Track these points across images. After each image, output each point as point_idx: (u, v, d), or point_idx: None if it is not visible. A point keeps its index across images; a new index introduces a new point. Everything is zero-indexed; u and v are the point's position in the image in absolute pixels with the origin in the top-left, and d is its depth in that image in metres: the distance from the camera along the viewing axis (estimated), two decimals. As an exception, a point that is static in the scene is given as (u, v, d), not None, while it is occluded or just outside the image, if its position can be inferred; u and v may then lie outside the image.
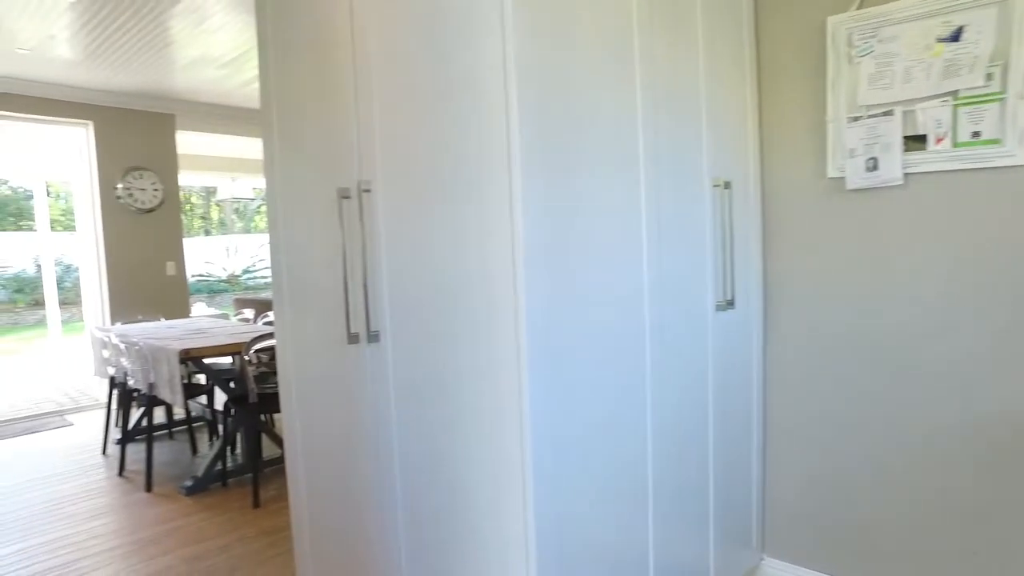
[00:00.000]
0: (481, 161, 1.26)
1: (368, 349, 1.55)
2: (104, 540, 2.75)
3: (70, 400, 5.66)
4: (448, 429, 1.40)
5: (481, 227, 1.28)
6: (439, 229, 1.36)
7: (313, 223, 1.69)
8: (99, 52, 4.11)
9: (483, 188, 1.27)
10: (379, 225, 1.49)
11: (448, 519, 1.45)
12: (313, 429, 1.82)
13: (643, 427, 1.56)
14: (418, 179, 1.39)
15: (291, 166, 1.76)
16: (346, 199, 1.51)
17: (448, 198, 1.34)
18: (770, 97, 1.95)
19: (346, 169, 1.55)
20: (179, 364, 3.07)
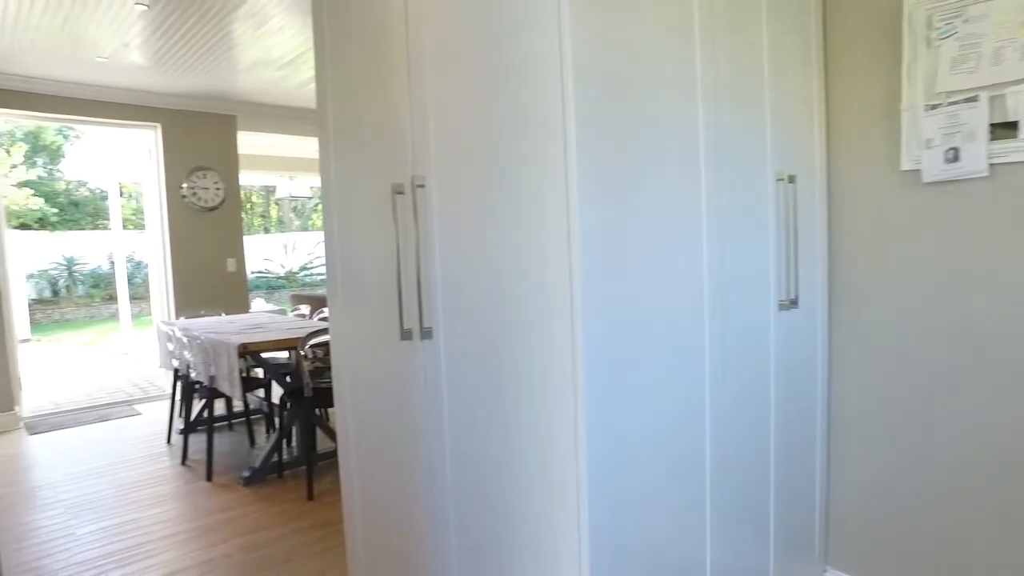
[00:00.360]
0: (536, 155, 1.24)
1: (421, 346, 1.54)
2: (168, 525, 2.85)
3: (139, 390, 5.92)
4: (500, 428, 1.38)
5: (536, 222, 1.25)
6: (493, 224, 1.34)
7: (367, 219, 1.70)
8: (167, 57, 4.27)
9: (538, 182, 1.24)
10: (433, 221, 1.48)
11: (499, 519, 1.42)
12: (366, 425, 1.83)
13: (701, 429, 1.50)
14: (472, 174, 1.37)
15: (346, 163, 1.77)
16: (400, 194, 1.51)
17: (503, 193, 1.31)
18: (838, 86, 1.85)
19: (400, 164, 1.54)
20: (238, 358, 3.16)
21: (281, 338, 3.29)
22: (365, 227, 1.71)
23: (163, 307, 5.39)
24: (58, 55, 4.15)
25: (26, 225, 14.50)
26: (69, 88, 4.74)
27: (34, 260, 13.45)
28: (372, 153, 1.66)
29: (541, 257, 1.25)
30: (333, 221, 1.84)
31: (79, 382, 6.54)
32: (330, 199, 1.84)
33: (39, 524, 2.93)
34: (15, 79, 4.52)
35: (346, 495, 1.97)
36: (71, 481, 3.49)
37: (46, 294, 14.03)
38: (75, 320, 13.46)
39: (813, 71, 1.81)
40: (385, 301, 1.63)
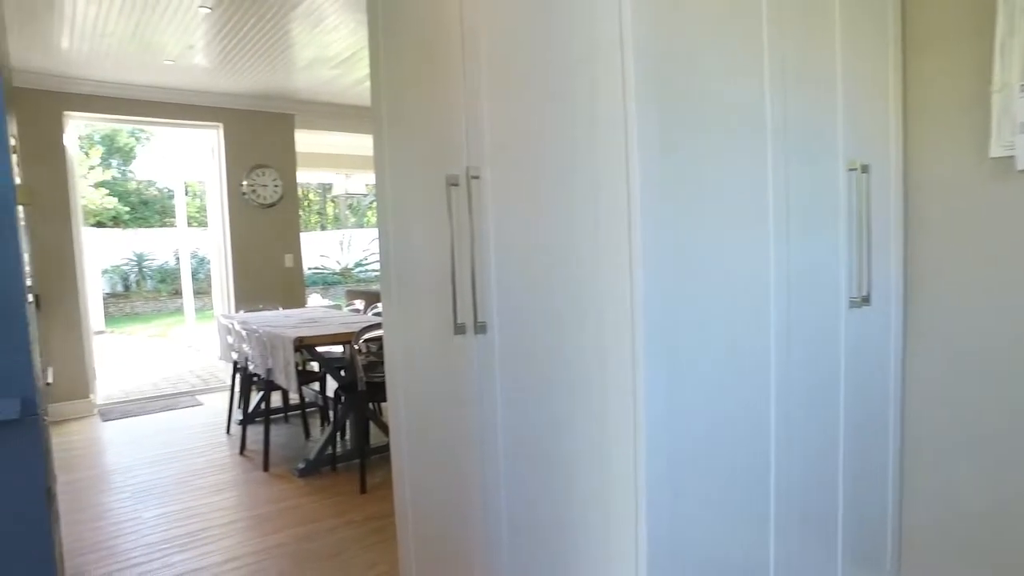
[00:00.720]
0: (595, 146, 1.19)
1: (475, 340, 1.52)
2: (226, 513, 2.93)
3: (201, 381, 6.13)
4: (556, 426, 1.34)
5: (594, 215, 1.21)
6: (549, 217, 1.30)
7: (421, 212, 1.69)
8: (229, 58, 4.39)
9: (596, 172, 1.19)
10: (487, 213, 1.45)
11: (554, 517, 1.39)
12: (418, 419, 1.82)
13: (765, 433, 1.43)
14: (528, 164, 1.34)
15: (400, 157, 1.77)
16: (454, 186, 1.49)
17: (559, 184, 1.27)
18: (917, 66, 1.73)
19: (454, 156, 1.52)
20: (293, 351, 3.22)
21: (336, 332, 3.34)
22: (419, 221, 1.70)
23: (223, 301, 5.56)
24: (130, 59, 4.32)
25: (101, 223, 15.27)
26: (139, 91, 4.94)
27: (108, 256, 14.15)
28: (426, 146, 1.64)
29: (599, 251, 1.21)
30: (387, 215, 1.84)
31: (147, 372, 6.83)
32: (384, 193, 1.84)
33: (111, 506, 3.06)
34: (91, 84, 4.74)
35: (397, 489, 1.97)
36: (139, 467, 3.63)
37: (118, 289, 14.74)
38: (144, 313, 14.09)
39: (889, 50, 1.70)
40: (438, 295, 1.62)
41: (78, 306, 4.81)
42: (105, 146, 16.15)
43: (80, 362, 4.82)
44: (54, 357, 4.70)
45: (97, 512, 2.99)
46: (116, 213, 15.81)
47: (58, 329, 4.72)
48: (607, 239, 1.19)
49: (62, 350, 4.74)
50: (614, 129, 1.15)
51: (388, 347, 1.90)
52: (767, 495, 1.45)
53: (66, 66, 4.42)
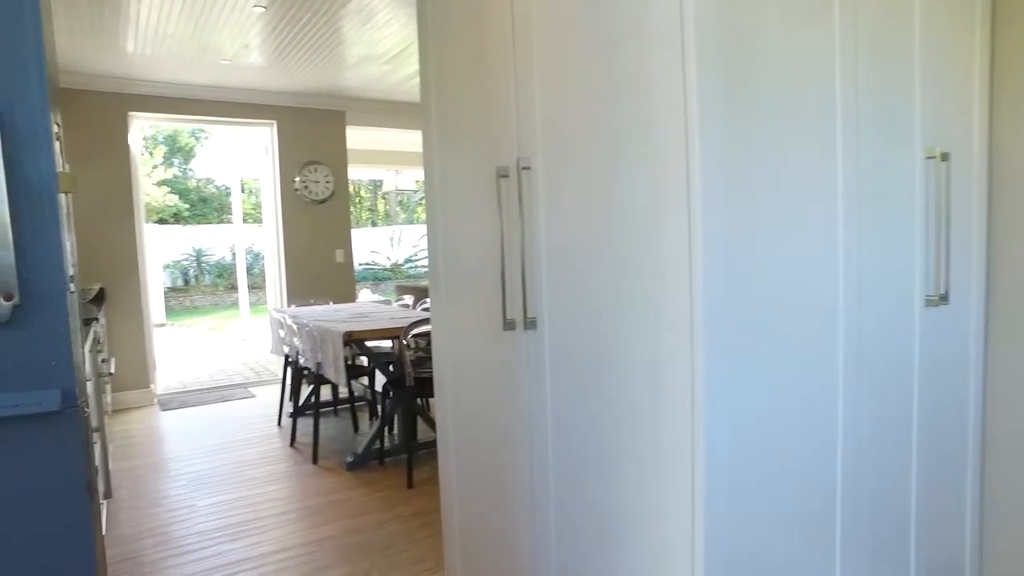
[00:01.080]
0: (653, 131, 1.13)
1: (524, 336, 1.48)
2: (277, 504, 2.97)
3: (254, 374, 6.29)
4: (608, 427, 1.29)
5: (652, 208, 1.15)
6: (604, 209, 1.25)
7: (470, 206, 1.65)
8: (282, 56, 4.46)
9: (655, 162, 1.13)
10: (538, 205, 1.40)
11: (605, 518, 1.33)
12: (465, 416, 1.79)
13: (832, 440, 1.34)
14: (581, 154, 1.28)
15: (449, 150, 1.74)
16: (504, 178, 1.44)
17: (615, 173, 1.22)
18: (1007, 42, 1.59)
19: (504, 147, 1.48)
20: (343, 346, 3.24)
21: (384, 327, 3.35)
22: (468, 214, 1.66)
23: (276, 295, 5.68)
24: (189, 60, 4.44)
25: (163, 220, 15.88)
26: (197, 91, 5.08)
27: (169, 252, 14.70)
28: (476, 138, 1.61)
29: (657, 245, 1.14)
30: (436, 209, 1.81)
31: (204, 364, 7.04)
32: (433, 188, 1.81)
33: (168, 493, 3.14)
34: (153, 85, 4.90)
35: (444, 486, 1.95)
36: (194, 456, 3.73)
37: (179, 283, 15.31)
38: (202, 307, 14.59)
39: (976, 25, 1.57)
40: (488, 290, 1.58)
41: (140, 299, 4.98)
42: (168, 146, 16.78)
43: (141, 353, 5.00)
44: (117, 348, 4.88)
45: (155, 498, 3.08)
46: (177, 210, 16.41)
47: (121, 321, 4.91)
48: (666, 233, 1.12)
49: (125, 341, 4.92)
50: (674, 119, 1.09)
51: (436, 342, 1.87)
52: (833, 508, 1.36)
53: (130, 68, 4.57)
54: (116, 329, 4.89)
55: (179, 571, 2.40)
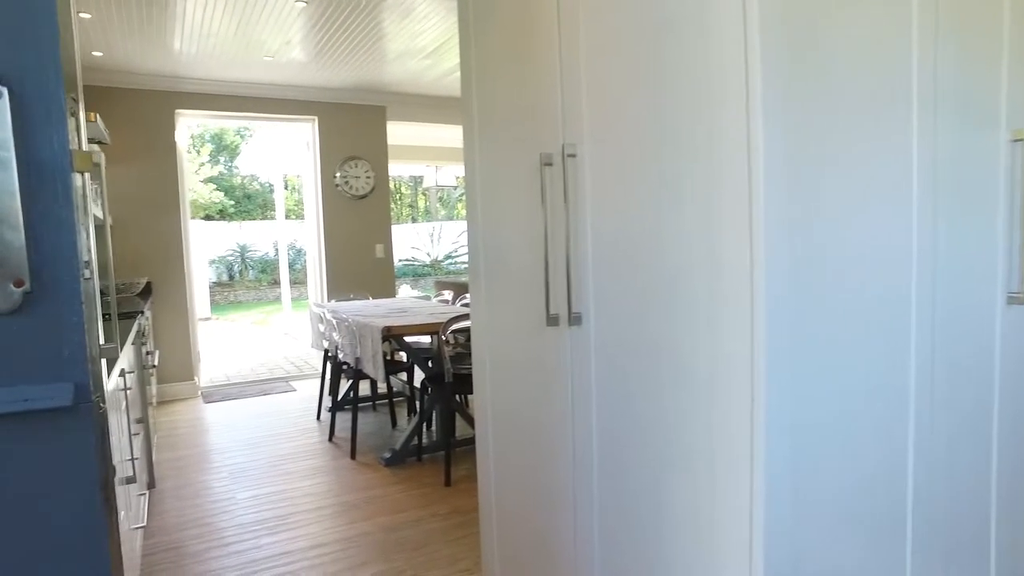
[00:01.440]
0: (711, 112, 1.04)
1: (569, 332, 1.40)
2: (314, 499, 2.96)
3: (295, 368, 6.36)
4: (658, 425, 1.21)
5: (709, 197, 1.06)
6: (655, 200, 1.17)
7: (512, 197, 1.59)
8: (324, 52, 4.47)
9: (711, 144, 1.05)
10: (584, 194, 1.33)
11: (652, 531, 1.25)
12: (505, 413, 1.73)
13: (903, 441, 1.23)
14: (631, 138, 1.20)
15: (490, 140, 1.67)
16: (548, 166, 1.38)
17: (668, 163, 1.13)
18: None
19: (548, 135, 1.41)
20: (381, 341, 3.22)
21: (423, 322, 3.31)
22: (510, 206, 1.60)
23: (317, 290, 5.72)
24: (233, 57, 4.49)
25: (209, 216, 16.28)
26: (241, 87, 5.14)
27: (215, 247, 15.05)
28: (518, 127, 1.54)
29: (714, 237, 1.06)
30: (477, 202, 1.75)
31: (246, 358, 7.16)
32: (474, 179, 1.75)
33: (209, 484, 3.17)
34: (197, 82, 4.98)
35: (482, 485, 1.89)
36: (235, 448, 3.76)
37: (224, 278, 15.67)
38: (246, 302, 14.91)
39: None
40: (530, 285, 1.51)
41: (185, 294, 5.07)
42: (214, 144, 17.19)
43: (186, 346, 5.09)
44: (162, 341, 4.98)
45: (197, 489, 3.11)
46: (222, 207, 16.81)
47: (167, 315, 5.00)
48: (723, 224, 1.04)
49: (170, 335, 5.01)
50: (732, 99, 1.00)
51: (476, 338, 1.82)
52: (903, 513, 1.25)
53: (176, 66, 4.65)
54: (161, 322, 4.99)
55: (219, 563, 2.40)
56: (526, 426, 1.62)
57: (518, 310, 1.58)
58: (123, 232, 4.83)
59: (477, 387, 1.85)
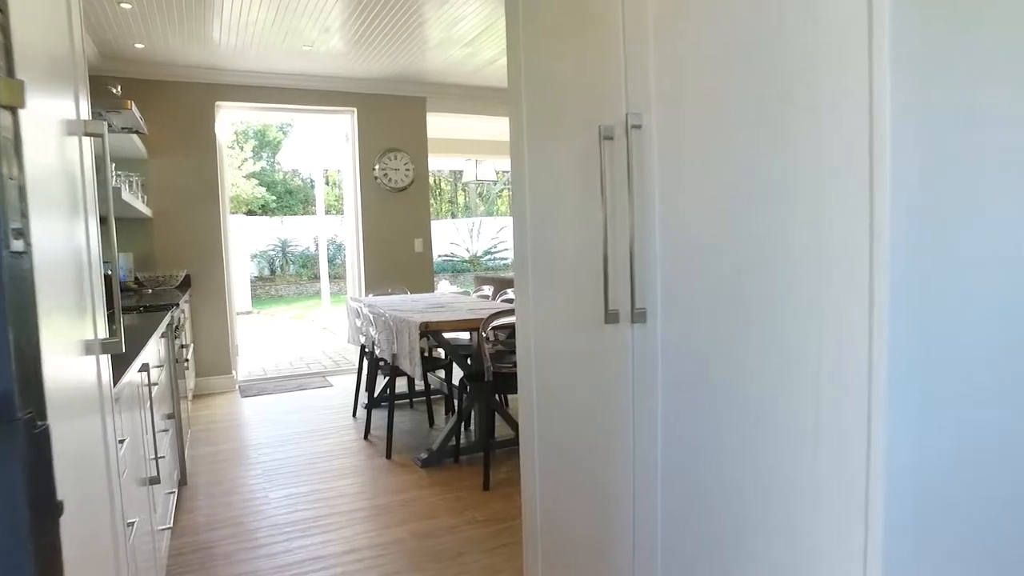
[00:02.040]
0: (816, 77, 0.86)
1: (630, 331, 1.23)
2: (348, 500, 2.85)
3: (332, 363, 6.31)
4: (738, 442, 1.03)
5: (814, 173, 0.87)
6: (742, 175, 0.98)
7: (564, 180, 1.42)
8: (362, 40, 4.36)
9: (818, 116, 0.86)
10: (651, 173, 1.15)
11: (730, 546, 1.07)
12: (553, 416, 1.57)
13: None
14: (711, 106, 1.02)
15: (540, 120, 1.51)
16: (608, 140, 1.20)
17: (761, 140, 0.95)
18: None
19: (609, 104, 1.24)
20: (419, 337, 3.08)
21: (463, 318, 3.17)
22: (562, 190, 1.43)
23: (355, 284, 5.65)
24: (271, 47, 4.42)
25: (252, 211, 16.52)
26: (280, 79, 5.08)
27: (256, 242, 15.26)
28: (573, 102, 1.37)
29: (822, 227, 0.87)
30: (524, 188, 1.59)
31: (285, 352, 7.16)
32: (521, 164, 1.59)
33: (243, 482, 3.09)
34: (236, 74, 4.93)
35: (526, 492, 1.73)
36: (271, 444, 3.69)
37: (265, 272, 15.87)
38: (286, 296, 15.07)
39: None
40: (584, 277, 1.34)
41: (224, 287, 5.04)
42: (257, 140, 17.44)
43: (224, 340, 5.07)
44: (200, 334, 4.96)
45: (231, 487, 3.03)
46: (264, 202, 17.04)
47: (205, 308, 4.98)
48: (834, 212, 0.85)
49: (208, 328, 4.99)
50: (852, 64, 0.81)
51: (521, 335, 1.65)
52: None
53: (216, 58, 4.61)
54: (200, 316, 4.97)
55: (249, 566, 2.30)
56: (577, 429, 1.46)
57: (569, 305, 1.42)
58: (163, 224, 4.82)
59: (522, 386, 1.69)
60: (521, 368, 1.68)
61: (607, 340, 1.28)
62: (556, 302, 1.47)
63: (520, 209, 1.61)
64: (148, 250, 4.79)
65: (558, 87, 1.41)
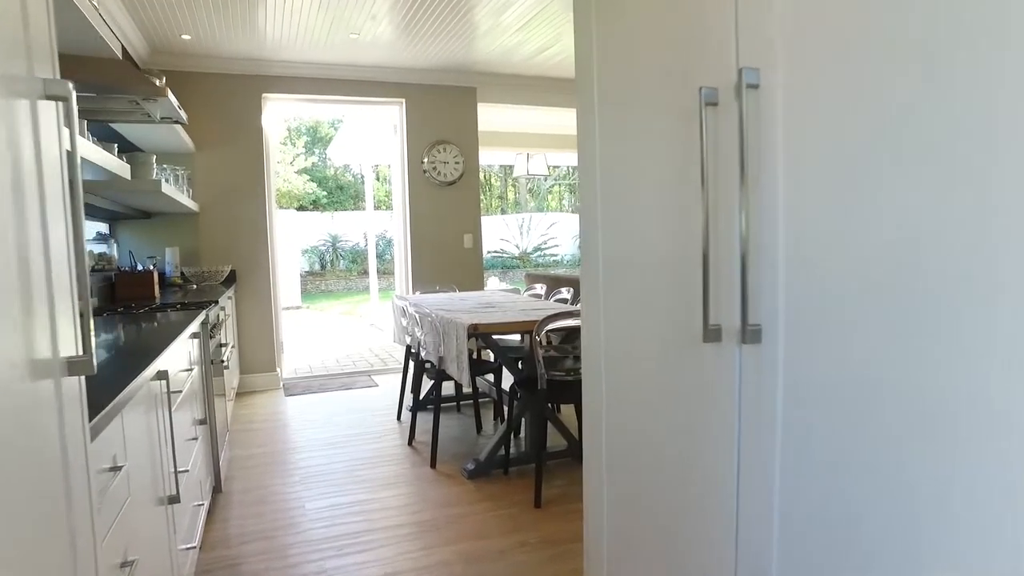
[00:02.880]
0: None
1: (737, 352, 0.96)
2: (390, 515, 2.65)
3: (379, 361, 6.17)
4: (902, 502, 0.75)
5: (1010, 171, 0.59)
6: (909, 167, 0.70)
7: (647, 162, 1.15)
8: (410, 27, 4.16)
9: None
10: (774, 146, 0.88)
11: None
12: (628, 441, 1.31)
13: None
14: (870, 72, 0.74)
15: (617, 87, 1.24)
16: (712, 107, 0.93)
17: (934, 112, 0.67)
18: None
19: (711, 59, 0.97)
20: (467, 339, 2.86)
21: (514, 320, 2.93)
22: (644, 174, 1.17)
23: (402, 281, 5.48)
24: (318, 36, 4.27)
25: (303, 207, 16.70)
26: (327, 70, 4.93)
27: (307, 237, 15.39)
28: (659, 65, 1.10)
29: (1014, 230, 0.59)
30: (594, 177, 1.33)
31: (332, 349, 7.07)
32: (591, 148, 1.33)
33: (278, 490, 2.93)
34: (283, 65, 4.81)
35: (590, 519, 1.48)
36: (311, 449, 3.53)
37: (316, 267, 16.01)
38: (336, 291, 15.15)
39: None
40: (673, 284, 1.08)
41: (269, 283, 4.94)
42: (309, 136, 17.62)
43: (269, 337, 4.96)
44: (245, 331, 4.87)
45: (264, 494, 2.87)
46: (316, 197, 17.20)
47: (251, 304, 4.89)
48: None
49: (253, 325, 4.90)
50: None
51: (589, 349, 1.40)
52: None
53: (262, 49, 4.49)
54: (245, 312, 4.88)
55: (281, 587, 2.12)
56: (658, 457, 1.19)
57: (652, 318, 1.15)
58: (210, 219, 4.74)
59: (588, 401, 1.44)
60: (588, 381, 1.42)
61: (704, 362, 1.01)
62: (634, 313, 1.21)
63: (589, 202, 1.35)
64: (194, 245, 4.72)
65: (640, 46, 1.15)
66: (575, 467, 3.17)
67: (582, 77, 1.34)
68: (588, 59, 1.32)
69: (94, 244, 3.73)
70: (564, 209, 17.92)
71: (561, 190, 17.97)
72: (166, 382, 1.59)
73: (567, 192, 18.11)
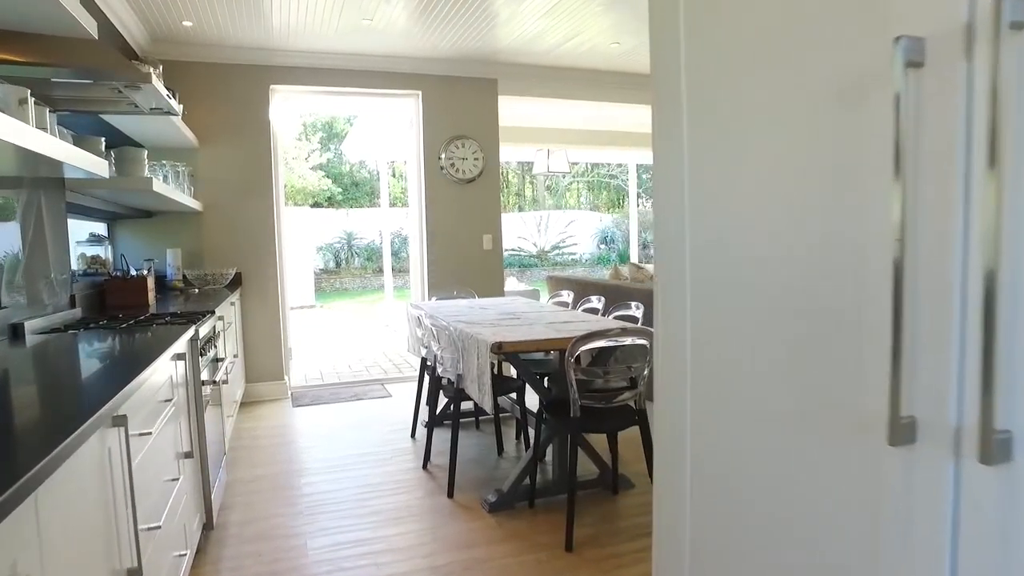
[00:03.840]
0: None
1: (955, 468, 0.60)
2: (400, 558, 2.33)
3: (393, 367, 5.86)
4: None
5: None
6: None
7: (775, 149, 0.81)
8: (426, 11, 3.83)
9: None
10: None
11: None
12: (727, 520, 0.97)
13: None
14: None
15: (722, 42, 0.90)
16: (914, 68, 0.59)
17: None
18: None
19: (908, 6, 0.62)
20: (490, 358, 2.53)
21: (543, 337, 2.58)
22: (768, 165, 0.83)
23: (418, 286, 5.16)
24: (328, 22, 3.95)
25: (318, 204, 16.45)
26: (338, 59, 4.62)
27: (322, 235, 15.13)
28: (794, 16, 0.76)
29: None
30: (681, 159, 0.99)
31: (343, 352, 6.77)
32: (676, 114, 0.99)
33: (279, 523, 2.62)
34: (292, 55, 4.50)
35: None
36: (318, 471, 3.23)
37: (330, 265, 15.76)
38: (351, 289, 14.89)
39: None
40: (819, 333, 0.73)
41: (277, 286, 4.64)
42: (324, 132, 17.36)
43: (276, 344, 4.67)
44: (251, 337, 4.58)
45: (263, 529, 2.56)
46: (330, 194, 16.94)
47: (257, 308, 4.59)
48: None
49: (259, 330, 4.60)
50: None
51: (663, 396, 1.06)
52: None
53: (269, 37, 4.18)
54: (251, 317, 4.58)
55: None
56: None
57: (782, 387, 0.81)
58: (214, 218, 4.45)
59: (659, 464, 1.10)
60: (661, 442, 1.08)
61: (883, 477, 0.66)
62: (744, 372, 0.87)
63: (665, 204, 1.01)
64: (197, 246, 4.43)
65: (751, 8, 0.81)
66: (608, 500, 2.83)
67: (657, 49, 1.00)
68: (673, 31, 0.98)
69: (88, 246, 3.45)
70: (582, 207, 17.52)
71: (579, 187, 17.57)
72: (124, 429, 1.27)
73: (585, 189, 17.70)
